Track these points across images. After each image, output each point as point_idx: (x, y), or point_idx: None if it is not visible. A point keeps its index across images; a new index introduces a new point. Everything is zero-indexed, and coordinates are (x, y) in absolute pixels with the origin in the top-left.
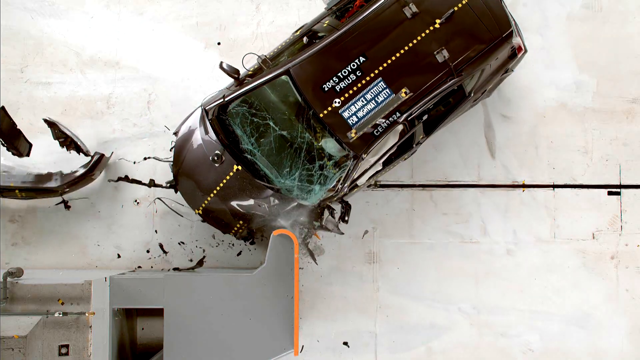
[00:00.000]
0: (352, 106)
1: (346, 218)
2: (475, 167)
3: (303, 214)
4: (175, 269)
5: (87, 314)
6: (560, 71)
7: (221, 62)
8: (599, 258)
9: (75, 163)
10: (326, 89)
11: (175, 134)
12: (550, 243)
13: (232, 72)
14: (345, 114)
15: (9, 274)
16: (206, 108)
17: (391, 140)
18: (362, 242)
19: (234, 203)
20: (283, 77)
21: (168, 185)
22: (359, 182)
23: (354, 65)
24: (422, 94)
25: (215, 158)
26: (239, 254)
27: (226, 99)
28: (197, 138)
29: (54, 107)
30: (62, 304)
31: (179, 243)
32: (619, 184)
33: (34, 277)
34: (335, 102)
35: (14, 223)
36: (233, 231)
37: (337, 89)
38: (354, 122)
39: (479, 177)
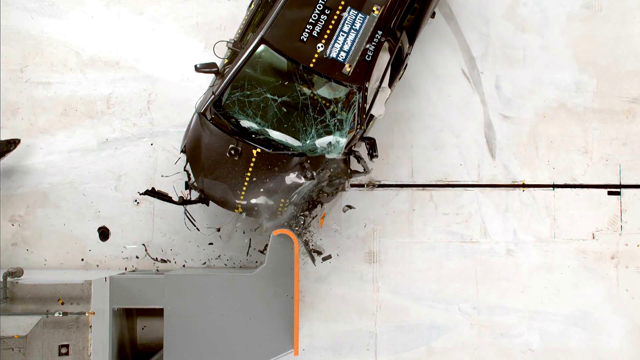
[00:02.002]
0: (336, 44)
1: (374, 153)
2: (475, 167)
3: (335, 168)
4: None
5: (87, 314)
6: (560, 71)
7: (195, 65)
8: (599, 258)
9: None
10: (304, 39)
11: (183, 151)
12: (550, 243)
13: (210, 67)
14: (333, 54)
15: (9, 274)
16: (202, 112)
17: (384, 59)
18: (362, 242)
19: (268, 185)
20: (260, 47)
21: (199, 200)
22: (374, 113)
23: (319, 7)
24: (392, 3)
25: (232, 152)
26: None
27: (216, 94)
28: (207, 143)
29: (54, 107)
30: (62, 304)
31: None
32: (619, 184)
33: (34, 277)
34: (318, 47)
35: (14, 223)
36: (279, 212)
37: (315, 34)
38: (343, 57)
39: (479, 177)
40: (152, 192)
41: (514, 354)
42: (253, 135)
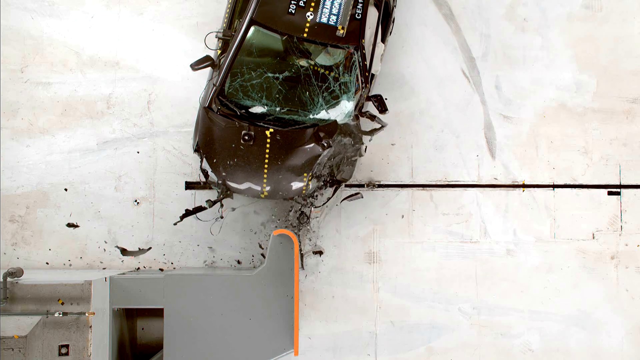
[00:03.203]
0: (324, 9)
1: (385, 109)
2: (475, 167)
3: (349, 133)
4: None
5: (87, 314)
6: (560, 71)
7: (191, 65)
8: (599, 258)
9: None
10: (293, 11)
11: (197, 150)
12: (550, 243)
13: (205, 61)
14: (323, 19)
15: (9, 274)
16: (207, 106)
17: (373, 14)
18: (362, 242)
19: (288, 163)
20: (251, 29)
21: (223, 196)
22: (374, 71)
23: None
24: None
25: (247, 138)
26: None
27: (218, 85)
28: (219, 135)
29: (54, 107)
30: (62, 304)
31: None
32: (619, 184)
33: (34, 277)
34: (308, 16)
35: (14, 223)
36: (304, 188)
37: (302, 4)
38: (334, 20)
39: (479, 177)
40: (189, 213)
41: (514, 354)
42: (262, 118)
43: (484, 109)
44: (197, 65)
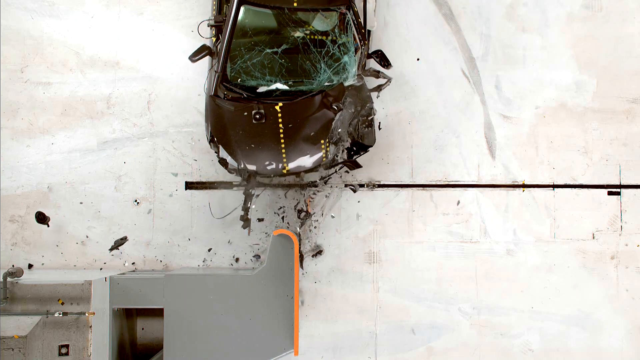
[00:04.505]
0: None
1: (387, 63)
2: (475, 167)
3: (355, 92)
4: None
5: (87, 314)
6: (560, 71)
7: (189, 57)
8: (599, 258)
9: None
10: None
11: (211, 140)
12: (550, 243)
13: (202, 50)
14: None
15: (9, 274)
16: (213, 94)
17: None
18: (362, 242)
19: (303, 133)
20: (241, 9)
21: (248, 181)
22: (370, 27)
23: None
24: None
25: (258, 117)
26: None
27: (219, 71)
28: (231, 120)
29: (54, 107)
30: (62, 304)
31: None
32: (619, 184)
33: (34, 277)
34: None
35: (14, 223)
36: (324, 156)
37: None
38: None
39: (479, 177)
40: (245, 219)
41: (514, 354)
42: (270, 94)
43: (484, 109)
44: (195, 57)
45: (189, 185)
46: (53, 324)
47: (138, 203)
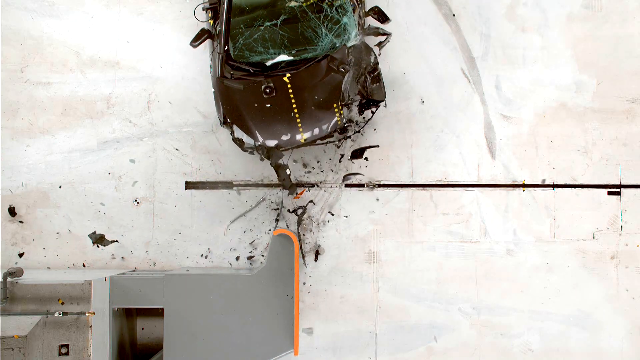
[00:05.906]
0: None
1: (386, 18)
2: (475, 167)
3: (358, 51)
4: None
5: (87, 314)
6: (560, 71)
7: (190, 43)
8: (599, 258)
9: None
10: None
11: (225, 122)
12: (550, 243)
13: (202, 34)
14: None
15: (9, 274)
16: (220, 75)
17: None
18: (362, 242)
19: (315, 99)
20: None
21: (273, 158)
22: None
23: None
24: None
25: (268, 91)
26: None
27: (222, 51)
28: (241, 99)
29: (54, 107)
30: (62, 303)
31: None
32: (619, 184)
33: (34, 277)
34: None
35: (14, 223)
36: (338, 118)
37: None
38: None
39: (479, 177)
40: (290, 186)
41: (514, 354)
42: (276, 67)
43: (484, 109)
44: (195, 42)
45: (189, 185)
46: (53, 324)
47: (138, 203)
